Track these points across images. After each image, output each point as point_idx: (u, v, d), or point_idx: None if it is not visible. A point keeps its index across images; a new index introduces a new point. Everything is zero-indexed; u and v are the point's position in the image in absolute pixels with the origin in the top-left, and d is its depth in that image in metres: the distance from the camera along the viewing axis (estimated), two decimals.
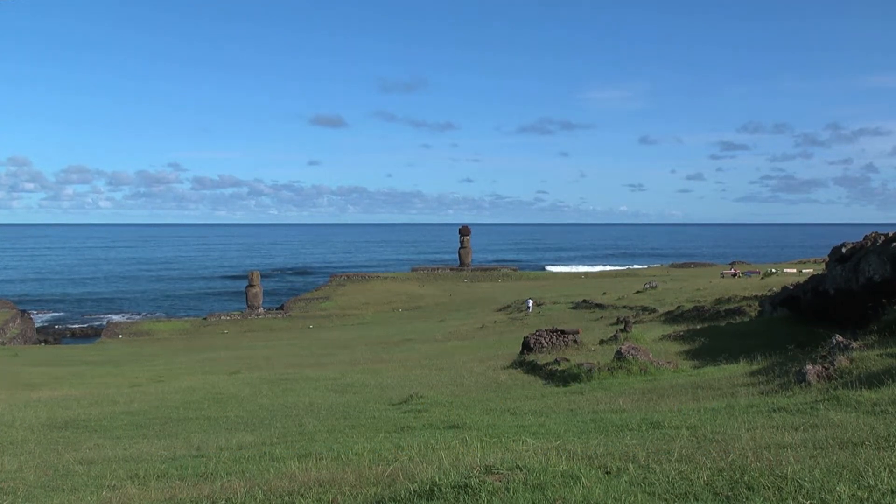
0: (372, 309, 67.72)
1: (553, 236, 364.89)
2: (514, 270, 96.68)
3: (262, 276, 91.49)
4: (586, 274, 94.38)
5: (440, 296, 75.02)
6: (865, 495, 4.22)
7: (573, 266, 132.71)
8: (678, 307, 32.77)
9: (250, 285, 65.54)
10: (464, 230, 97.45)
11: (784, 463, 4.93)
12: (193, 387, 18.10)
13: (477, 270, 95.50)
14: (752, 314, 25.08)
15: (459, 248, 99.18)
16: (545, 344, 19.87)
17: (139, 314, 73.86)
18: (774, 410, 7.56)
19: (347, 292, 76.77)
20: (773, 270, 57.05)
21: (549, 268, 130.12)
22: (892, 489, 4.31)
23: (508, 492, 4.43)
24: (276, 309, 68.95)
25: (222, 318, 62.52)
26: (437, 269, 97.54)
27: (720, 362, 14.25)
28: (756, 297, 30.22)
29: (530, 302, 48.49)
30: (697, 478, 4.76)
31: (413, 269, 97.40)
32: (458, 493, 4.52)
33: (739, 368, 12.32)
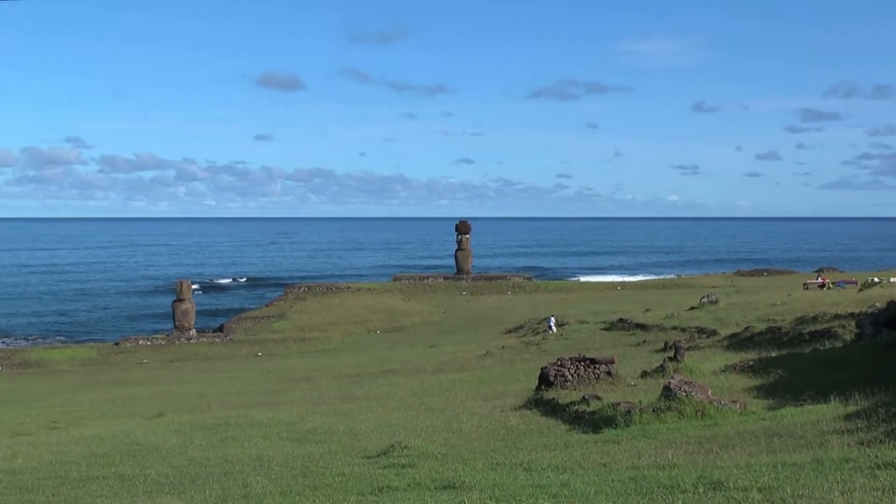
0: (340, 330, 67.87)
1: (579, 234, 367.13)
2: (529, 280, 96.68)
3: (196, 289, 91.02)
4: (623, 284, 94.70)
5: (431, 313, 75.03)
6: None
7: (606, 275, 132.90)
8: (746, 328, 32.63)
9: (179, 300, 65.49)
10: (462, 227, 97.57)
11: None
12: (101, 435, 18.01)
13: (479, 280, 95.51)
14: (847, 338, 24.89)
15: (456, 251, 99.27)
16: (570, 377, 19.85)
17: (26, 339, 73.16)
18: (878, 467, 7.60)
19: (308, 309, 76.47)
20: (876, 280, 57.16)
21: (574, 277, 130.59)
22: None
23: None
24: (214, 331, 69.00)
25: (141, 343, 62.42)
26: (427, 277, 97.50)
27: (803, 402, 14.23)
28: (852, 315, 30.01)
29: (552, 321, 48.61)
30: None
31: (395, 279, 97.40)
32: None
33: (830, 410, 12.41)
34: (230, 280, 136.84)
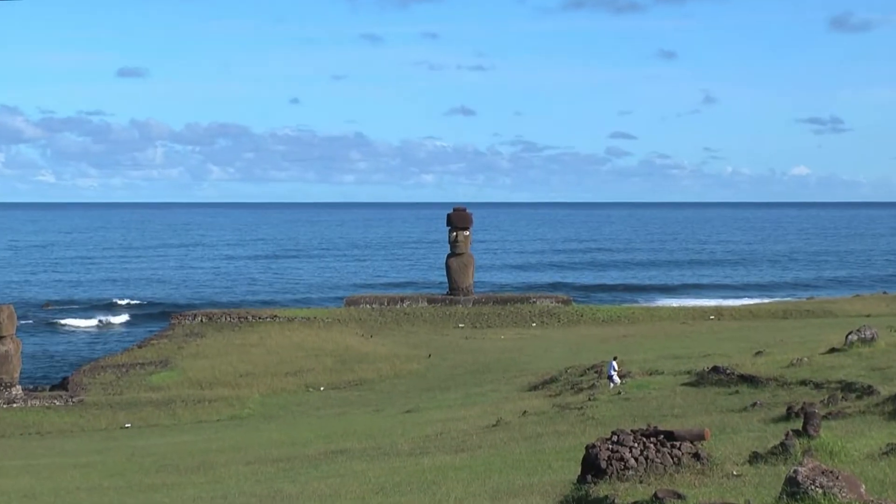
0: (261, 386, 67.23)
1: (648, 231, 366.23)
2: (566, 303, 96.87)
3: (23, 318, 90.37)
4: (720, 312, 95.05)
5: (407, 357, 74.22)
6: None
7: (692, 297, 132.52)
8: None
9: None
10: (457, 218, 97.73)
11: None
12: None
13: (486, 304, 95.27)
14: None
15: (448, 257, 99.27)
16: (633, 461, 19.72)
17: None
18: None
19: (208, 351, 76.20)
20: None
21: (640, 300, 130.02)
22: None
23: None
24: (54, 388, 68.59)
25: None
26: (402, 300, 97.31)
27: None
28: None
29: (614, 367, 48.40)
30: None
31: (349, 303, 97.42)
32: None
33: None
34: (81, 306, 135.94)
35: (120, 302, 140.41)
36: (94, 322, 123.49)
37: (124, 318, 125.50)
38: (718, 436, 25.80)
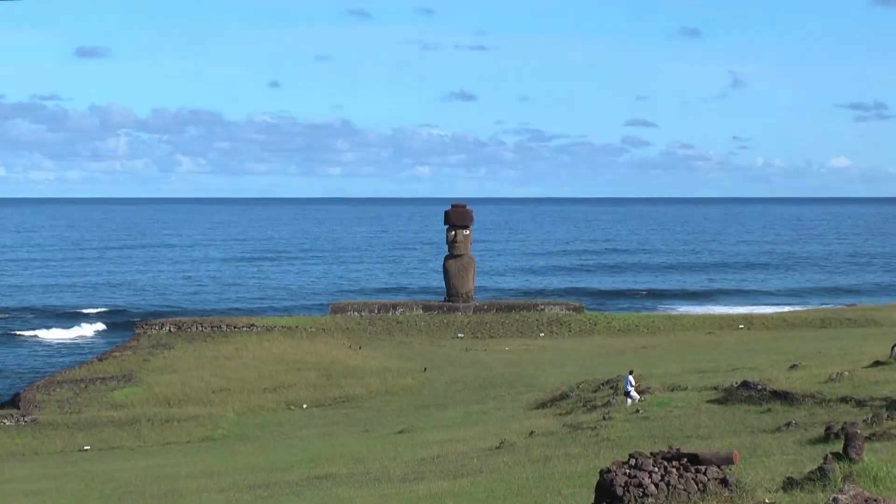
0: (237, 404, 67.30)
1: (669, 229, 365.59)
2: (577, 311, 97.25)
3: None
4: (750, 321, 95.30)
5: (400, 371, 74.41)
6: None
7: (718, 304, 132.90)
8: None
9: None
10: (456, 215, 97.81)
11: None
12: None
13: (488, 311, 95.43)
14: None
15: (446, 259, 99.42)
16: (653, 487, 19.71)
17: None
18: None
19: (178, 365, 76.13)
20: None
21: (660, 307, 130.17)
22: None
23: None
24: (3, 405, 68.50)
25: None
26: (394, 306, 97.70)
27: None
28: None
29: (631, 382, 48.24)
30: None
31: (335, 310, 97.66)
32: None
33: None
34: (35, 314, 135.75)
35: (79, 309, 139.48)
36: (49, 332, 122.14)
37: (84, 327, 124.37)
38: (748, 459, 25.83)
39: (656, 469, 20.42)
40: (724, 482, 20.27)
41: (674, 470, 20.46)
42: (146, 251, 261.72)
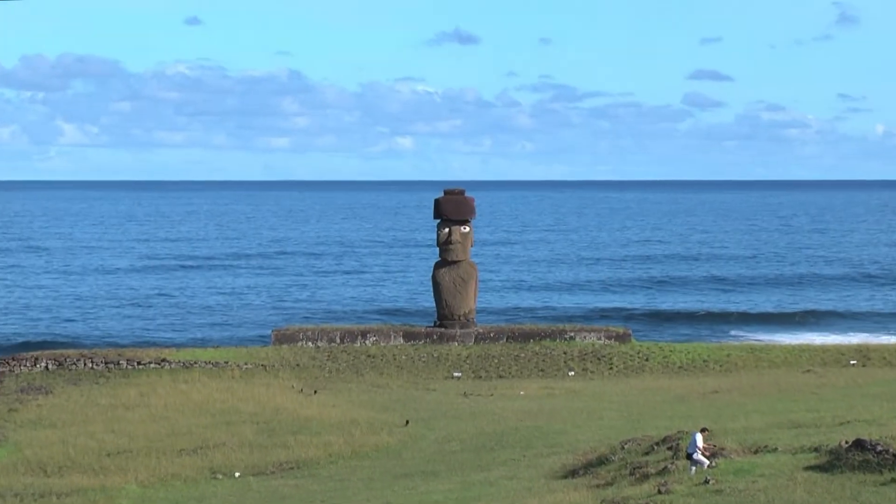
0: (140, 470, 66.25)
1: (748, 225, 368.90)
2: (621, 340, 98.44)
3: None
4: (865, 354, 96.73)
5: (372, 423, 74.96)
6: None
7: (819, 331, 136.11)
8: None
9: None
10: (451, 205, 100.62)
11: None
12: None
13: (496, 340, 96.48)
14: None
15: (437, 266, 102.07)
16: None
17: None
18: None
19: (55, 414, 76.73)
20: None
21: (737, 335, 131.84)
22: None
23: None
24: None
25: None
26: (363, 333, 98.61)
27: None
28: None
29: (698, 442, 48.05)
30: None
31: (279, 340, 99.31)
32: None
33: None
34: None
35: None
36: None
37: None
38: None
39: None
40: None
41: None
42: (11, 256, 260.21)
